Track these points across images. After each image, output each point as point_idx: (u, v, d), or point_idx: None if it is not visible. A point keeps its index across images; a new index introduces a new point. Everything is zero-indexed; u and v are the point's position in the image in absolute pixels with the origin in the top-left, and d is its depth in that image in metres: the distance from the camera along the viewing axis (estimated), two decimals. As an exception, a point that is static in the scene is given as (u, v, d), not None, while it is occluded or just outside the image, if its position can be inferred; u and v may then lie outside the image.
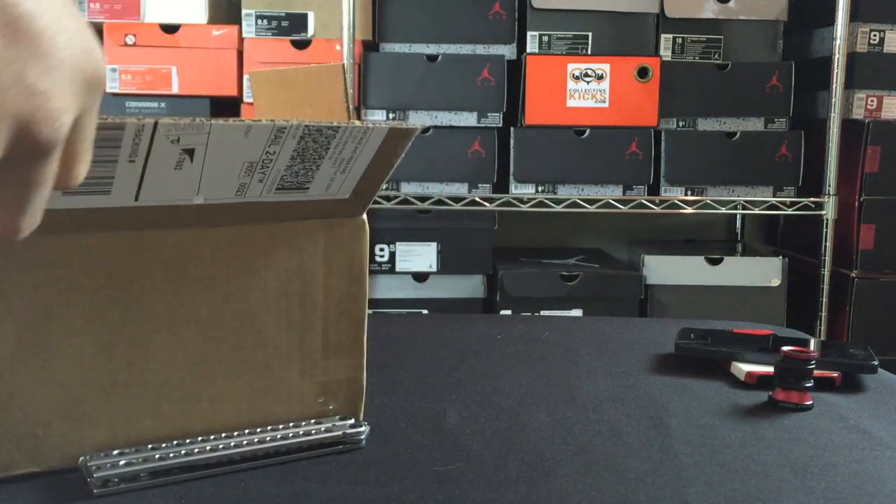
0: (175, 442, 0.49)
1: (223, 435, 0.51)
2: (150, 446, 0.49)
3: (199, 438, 0.50)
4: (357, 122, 0.49)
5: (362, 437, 0.53)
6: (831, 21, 1.76)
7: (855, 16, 1.80)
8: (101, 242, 0.48)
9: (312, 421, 0.54)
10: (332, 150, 0.49)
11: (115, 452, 0.48)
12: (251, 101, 1.72)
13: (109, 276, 0.49)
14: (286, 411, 0.55)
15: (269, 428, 0.52)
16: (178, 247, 0.50)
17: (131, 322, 0.50)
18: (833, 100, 1.77)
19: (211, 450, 0.49)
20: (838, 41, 1.75)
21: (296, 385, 0.55)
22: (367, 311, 0.57)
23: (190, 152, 0.45)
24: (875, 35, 1.83)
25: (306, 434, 0.52)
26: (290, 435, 0.51)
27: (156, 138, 0.43)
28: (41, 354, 0.47)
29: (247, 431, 0.51)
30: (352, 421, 0.53)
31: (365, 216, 0.56)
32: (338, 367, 0.56)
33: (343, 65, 0.58)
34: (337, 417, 0.54)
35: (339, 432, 0.52)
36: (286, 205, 0.52)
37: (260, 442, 0.50)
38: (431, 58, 1.75)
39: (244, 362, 0.53)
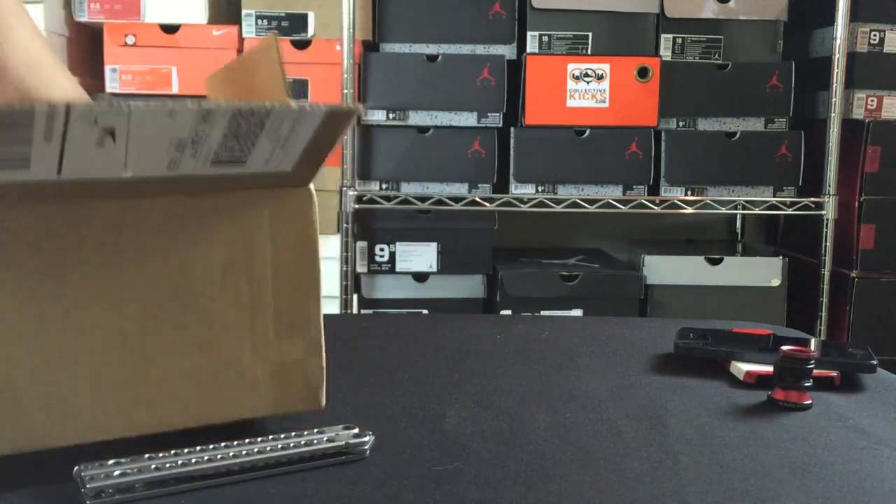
0: (173, 451, 0.48)
1: (222, 445, 0.49)
2: (146, 455, 0.47)
3: (198, 448, 0.48)
4: (292, 103, 0.46)
5: (366, 447, 0.52)
6: (831, 21, 1.77)
7: (855, 16, 1.80)
8: (26, 213, 0.45)
9: (315, 430, 0.52)
10: (268, 128, 0.46)
11: (111, 462, 0.46)
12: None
13: (36, 248, 0.45)
14: (237, 395, 0.51)
15: (269, 437, 0.50)
16: (110, 218, 0.47)
17: (64, 297, 0.46)
18: (833, 100, 1.77)
19: (209, 459, 0.47)
20: (838, 41, 1.75)
21: (248, 367, 0.51)
22: (321, 290, 0.54)
23: (111, 132, 0.42)
24: (875, 35, 1.83)
25: (308, 444, 0.50)
26: (292, 445, 0.50)
27: (71, 120, 0.40)
28: None
29: (247, 441, 0.50)
30: (356, 430, 0.52)
31: (312, 187, 0.53)
32: (293, 346, 0.53)
33: (276, 37, 0.55)
34: (340, 427, 0.53)
35: (343, 442, 0.51)
36: (224, 177, 0.49)
37: (260, 452, 0.49)
38: (431, 58, 1.75)
39: (189, 341, 0.49)
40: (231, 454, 0.48)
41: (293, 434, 0.51)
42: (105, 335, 0.47)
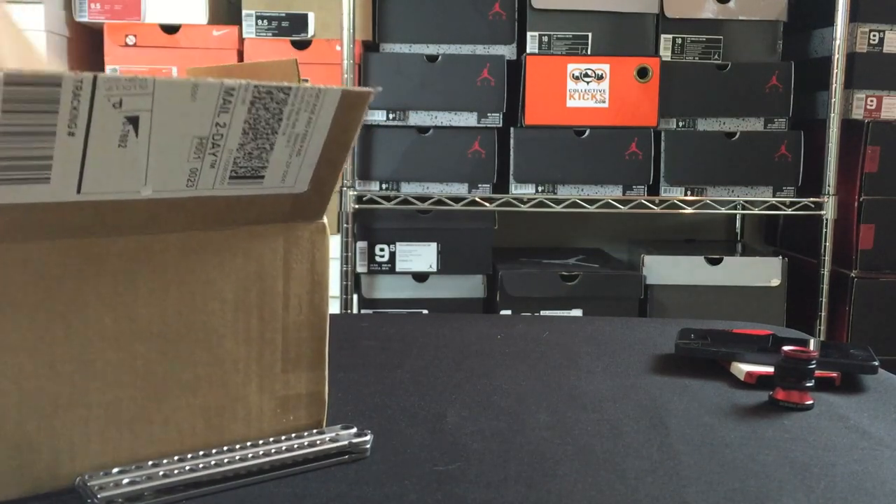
0: (177, 458, 0.48)
1: (225, 448, 0.49)
2: (150, 462, 0.47)
3: (202, 453, 0.48)
4: (308, 84, 0.46)
5: (367, 446, 0.52)
6: (831, 21, 1.77)
7: (854, 16, 1.80)
8: (41, 251, 0.44)
9: (315, 432, 0.53)
10: (286, 121, 0.46)
11: (116, 471, 0.46)
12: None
13: (51, 288, 0.45)
14: (244, 429, 0.52)
15: (271, 440, 0.51)
16: (126, 255, 0.46)
17: (75, 338, 0.45)
18: (833, 100, 1.77)
19: (216, 464, 0.47)
20: (838, 41, 1.75)
21: (254, 402, 0.52)
22: (328, 325, 0.54)
23: (134, 122, 0.42)
24: (874, 35, 1.83)
25: (311, 445, 0.51)
26: (296, 447, 0.50)
27: (96, 99, 0.40)
28: None
29: (249, 444, 0.50)
30: (354, 430, 0.53)
31: (325, 220, 0.53)
32: (298, 380, 0.53)
33: (296, 61, 0.56)
34: (339, 427, 0.53)
35: (345, 442, 0.51)
36: (241, 202, 0.49)
37: (265, 455, 0.49)
38: (431, 58, 1.75)
39: (199, 379, 0.49)
40: (237, 458, 0.48)
41: (294, 436, 0.52)
42: (116, 374, 0.47)
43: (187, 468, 0.47)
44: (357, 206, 1.77)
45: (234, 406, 0.51)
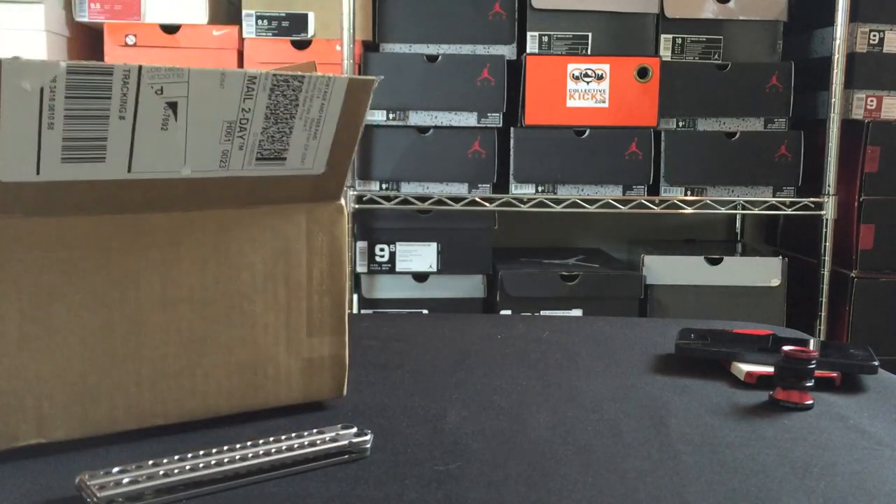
0: (177, 457, 0.48)
1: (225, 448, 0.50)
2: (151, 462, 0.47)
3: (202, 452, 0.49)
4: (319, 73, 0.53)
5: (367, 445, 0.52)
6: (831, 21, 1.77)
7: (854, 16, 1.80)
8: (99, 225, 0.51)
9: (315, 431, 0.53)
10: (301, 107, 0.53)
11: (116, 470, 0.46)
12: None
13: (107, 257, 0.51)
14: (274, 386, 0.58)
15: (271, 439, 0.51)
16: (171, 230, 0.53)
17: (129, 301, 0.52)
18: (833, 100, 1.77)
19: (216, 464, 0.48)
20: (838, 41, 1.75)
21: (283, 361, 0.58)
22: (348, 293, 0.61)
23: (174, 107, 0.48)
24: (875, 35, 1.83)
25: (311, 445, 0.51)
26: (296, 446, 0.50)
27: (141, 87, 0.47)
28: (45, 332, 0.50)
29: (249, 444, 0.50)
30: (354, 430, 0.53)
31: (343, 201, 0.60)
32: (321, 344, 0.60)
33: (314, 63, 0.63)
34: (339, 427, 0.54)
35: (345, 442, 0.52)
36: (267, 183, 0.55)
37: (265, 454, 0.49)
38: (431, 58, 1.75)
39: (234, 339, 0.56)
40: (237, 457, 0.48)
41: (294, 435, 0.52)
42: (163, 334, 0.54)
43: (187, 467, 0.47)
44: (357, 206, 1.77)
45: (266, 365, 0.57)
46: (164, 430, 0.55)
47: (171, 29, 1.75)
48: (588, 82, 1.75)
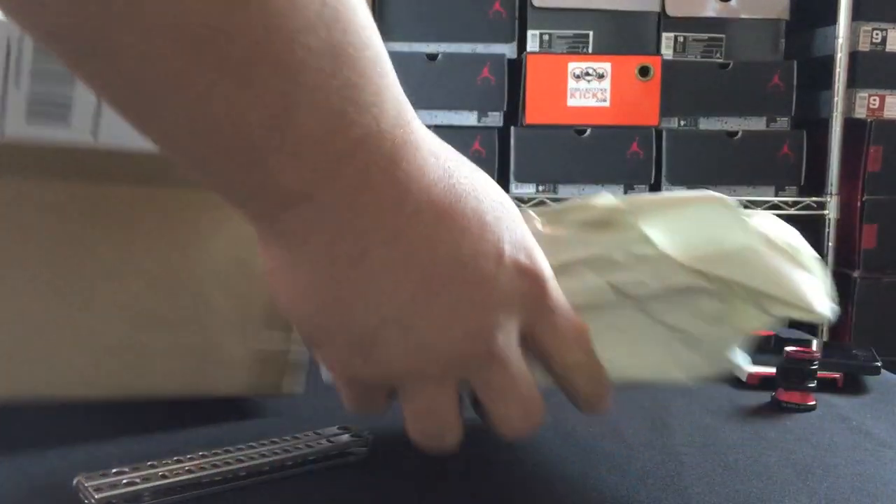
0: (175, 458, 0.48)
1: (223, 449, 0.49)
2: (149, 463, 0.47)
3: (200, 453, 0.48)
4: None
5: (366, 448, 0.52)
6: (833, 20, 1.76)
7: (857, 14, 1.79)
8: (59, 192, 0.50)
9: (313, 432, 0.53)
10: None
11: (114, 471, 0.46)
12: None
13: (63, 224, 0.51)
14: (223, 374, 0.56)
15: (270, 441, 0.51)
16: (133, 204, 0.52)
17: (80, 270, 0.51)
18: (835, 99, 1.76)
19: (214, 465, 0.47)
20: (840, 40, 1.75)
21: (235, 351, 0.56)
22: None
23: None
24: (877, 34, 1.82)
25: (310, 446, 0.51)
26: (294, 447, 0.50)
27: None
28: None
29: (247, 445, 0.50)
30: (353, 430, 0.52)
31: None
32: (280, 338, 0.57)
33: None
34: (338, 427, 0.53)
35: (344, 442, 0.51)
36: None
37: (263, 455, 0.49)
38: (431, 57, 1.74)
39: (184, 321, 0.54)
40: (235, 459, 0.48)
41: (291, 437, 0.52)
42: (111, 307, 0.52)
43: (186, 469, 0.47)
44: (357, 206, 1.76)
45: (216, 352, 0.55)
46: (162, 431, 0.54)
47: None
48: (589, 81, 1.75)
